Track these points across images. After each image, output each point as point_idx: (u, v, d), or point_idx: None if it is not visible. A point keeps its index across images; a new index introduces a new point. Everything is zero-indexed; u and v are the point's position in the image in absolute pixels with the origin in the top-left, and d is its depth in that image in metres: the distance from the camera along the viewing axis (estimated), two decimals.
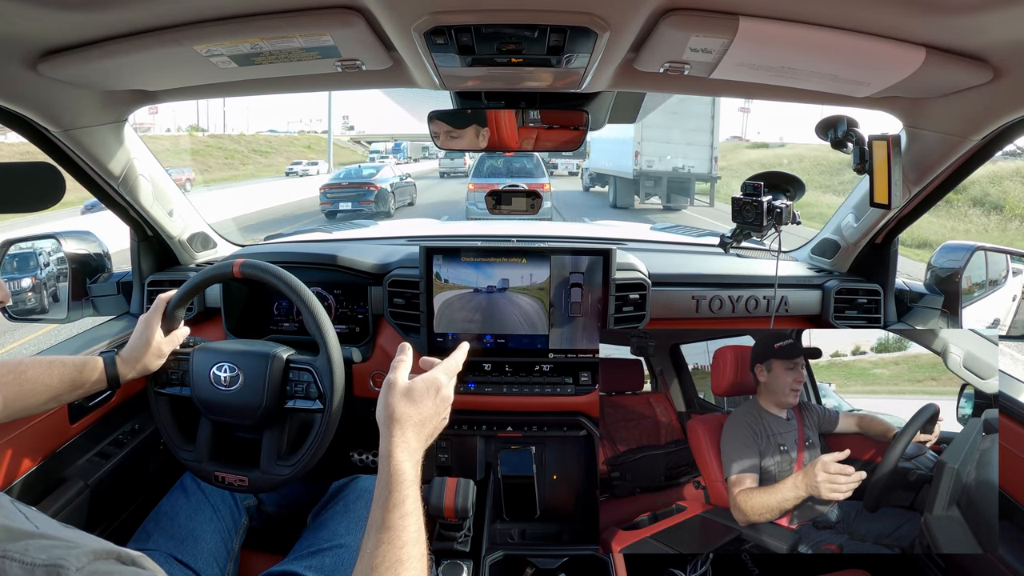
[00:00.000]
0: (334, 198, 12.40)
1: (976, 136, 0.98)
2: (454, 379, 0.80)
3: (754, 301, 1.37)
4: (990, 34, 0.72)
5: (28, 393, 0.85)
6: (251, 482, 0.98)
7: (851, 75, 0.88)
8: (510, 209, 1.40)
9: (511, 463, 1.29)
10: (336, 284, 1.37)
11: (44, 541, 0.40)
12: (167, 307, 1.01)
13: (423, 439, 0.72)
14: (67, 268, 1.32)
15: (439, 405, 0.75)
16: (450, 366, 0.80)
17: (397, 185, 13.46)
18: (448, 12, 0.73)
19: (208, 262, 1.52)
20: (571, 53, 0.84)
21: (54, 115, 1.00)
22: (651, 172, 12.61)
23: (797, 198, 1.22)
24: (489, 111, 1.15)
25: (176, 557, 0.95)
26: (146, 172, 1.26)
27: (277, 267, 0.99)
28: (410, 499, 0.64)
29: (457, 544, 1.13)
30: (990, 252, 1.32)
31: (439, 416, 0.75)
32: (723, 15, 0.73)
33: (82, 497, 1.05)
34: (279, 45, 0.82)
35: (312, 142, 36.73)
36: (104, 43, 0.81)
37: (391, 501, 0.63)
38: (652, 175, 12.67)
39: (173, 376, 1.03)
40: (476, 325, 1.28)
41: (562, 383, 1.31)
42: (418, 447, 0.70)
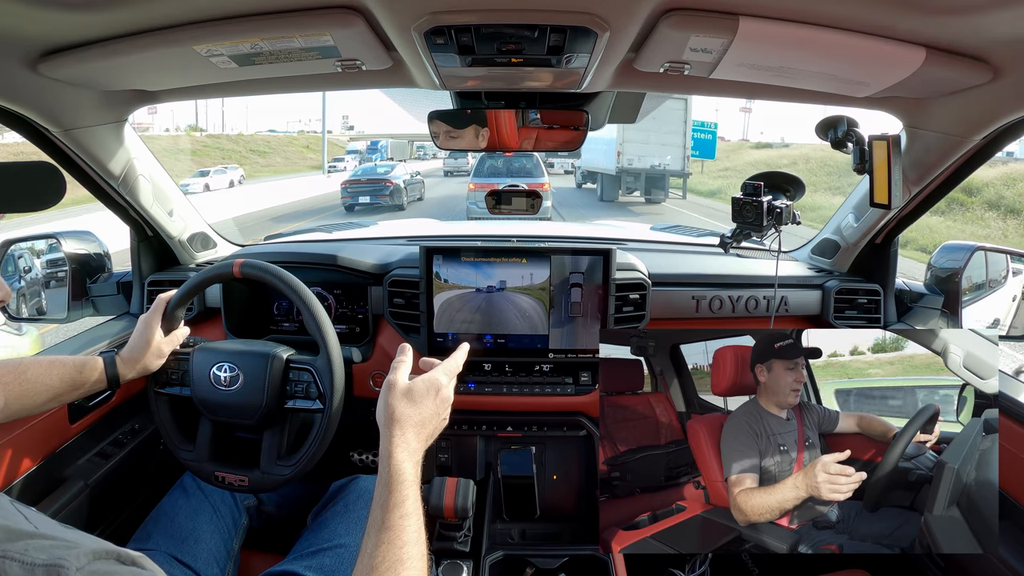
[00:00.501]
0: (354, 192, 13.47)
1: (976, 136, 0.98)
2: (454, 379, 0.80)
3: (754, 301, 1.37)
4: (990, 34, 0.72)
5: (28, 393, 0.85)
6: (251, 482, 0.98)
7: (851, 75, 0.88)
8: (510, 209, 1.40)
9: (511, 463, 1.29)
10: (336, 284, 1.37)
11: (44, 541, 0.40)
12: (167, 307, 1.01)
13: (423, 439, 0.72)
14: (67, 268, 1.32)
15: (439, 406, 0.75)
16: (450, 367, 0.80)
17: (409, 182, 14.73)
18: (448, 12, 0.73)
19: (208, 262, 1.52)
20: (571, 53, 0.84)
21: (54, 115, 1.00)
22: (631, 169, 14.66)
23: (797, 198, 1.22)
24: (489, 111, 1.15)
25: (176, 557, 0.95)
26: (146, 172, 1.26)
27: (277, 267, 0.99)
28: (410, 499, 0.64)
29: (457, 544, 1.13)
30: (990, 252, 1.32)
31: (439, 416, 0.75)
32: (723, 15, 0.73)
33: (82, 497, 1.05)
34: (279, 45, 0.82)
35: (311, 142, 36.38)
36: (104, 43, 0.81)
37: (391, 501, 0.63)
38: (632, 172, 14.74)
39: (173, 376, 1.03)
40: (476, 325, 1.28)
41: (562, 383, 1.31)
42: (418, 447, 0.70)
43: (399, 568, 0.58)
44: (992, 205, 12.17)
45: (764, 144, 27.76)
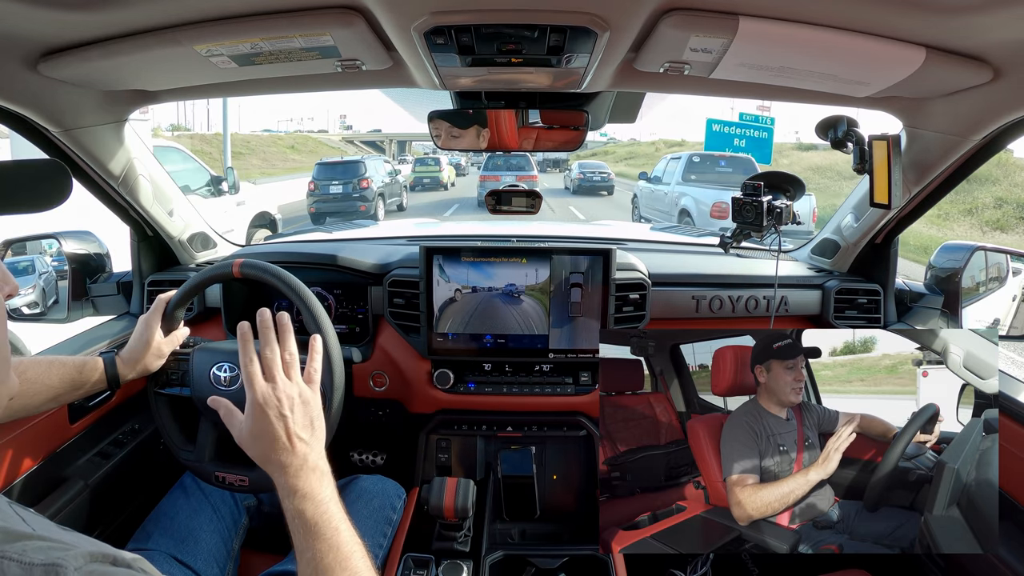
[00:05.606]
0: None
1: (976, 136, 0.98)
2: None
3: (754, 301, 1.37)
4: (990, 34, 0.72)
5: (28, 393, 0.85)
6: (251, 482, 0.98)
7: (851, 75, 0.88)
8: (510, 209, 1.40)
9: (511, 463, 1.29)
10: (336, 284, 1.37)
11: (41, 543, 0.40)
12: (167, 307, 1.01)
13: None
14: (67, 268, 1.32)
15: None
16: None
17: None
18: (448, 12, 0.73)
19: (208, 262, 1.52)
20: (571, 53, 0.84)
21: (54, 115, 1.00)
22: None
23: (797, 198, 1.22)
24: (489, 111, 1.16)
25: (176, 557, 0.95)
26: (146, 172, 1.26)
27: (277, 267, 0.99)
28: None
29: (457, 544, 1.13)
30: (990, 252, 1.33)
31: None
32: (723, 15, 0.73)
33: (82, 497, 1.05)
34: (279, 45, 0.82)
35: (297, 142, 34.00)
36: (104, 43, 0.81)
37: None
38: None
39: (173, 376, 1.03)
40: (476, 325, 1.28)
41: (562, 383, 1.31)
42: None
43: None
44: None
45: (808, 145, 21.33)
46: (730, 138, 10.84)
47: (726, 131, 10.93)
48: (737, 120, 11.21)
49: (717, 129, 10.93)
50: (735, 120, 11.25)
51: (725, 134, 10.89)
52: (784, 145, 22.10)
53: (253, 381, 0.71)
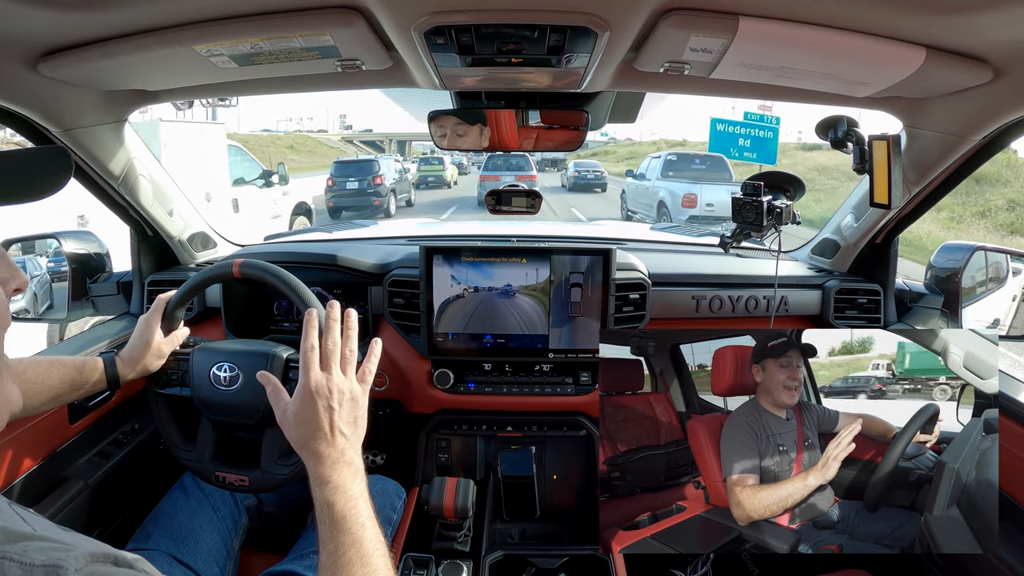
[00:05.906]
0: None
1: (976, 136, 0.98)
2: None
3: (754, 301, 1.37)
4: (990, 34, 0.72)
5: (28, 393, 0.85)
6: (251, 482, 0.98)
7: (851, 75, 0.88)
8: (510, 209, 1.40)
9: (511, 463, 1.29)
10: (336, 284, 1.37)
11: (42, 543, 0.40)
12: (167, 307, 1.01)
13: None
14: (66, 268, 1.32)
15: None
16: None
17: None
18: (448, 12, 0.73)
19: (208, 262, 1.52)
20: (571, 53, 0.84)
21: (54, 115, 1.00)
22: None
23: (797, 198, 1.22)
24: (489, 111, 1.15)
25: (176, 557, 0.95)
26: (146, 172, 1.26)
27: (276, 267, 0.99)
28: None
29: (457, 544, 1.13)
30: (990, 252, 1.33)
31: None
32: (723, 15, 0.73)
33: (82, 497, 1.05)
34: (279, 45, 0.81)
35: (296, 142, 33.89)
36: (104, 43, 0.81)
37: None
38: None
39: (173, 376, 1.03)
40: (476, 325, 1.28)
41: (562, 383, 1.31)
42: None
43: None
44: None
45: (812, 145, 20.53)
46: (735, 137, 10.67)
47: (731, 131, 10.78)
48: (741, 119, 11.05)
49: (721, 129, 10.80)
50: (739, 120, 11.27)
51: (730, 134, 10.75)
52: (787, 145, 21.50)
53: (309, 368, 0.71)
